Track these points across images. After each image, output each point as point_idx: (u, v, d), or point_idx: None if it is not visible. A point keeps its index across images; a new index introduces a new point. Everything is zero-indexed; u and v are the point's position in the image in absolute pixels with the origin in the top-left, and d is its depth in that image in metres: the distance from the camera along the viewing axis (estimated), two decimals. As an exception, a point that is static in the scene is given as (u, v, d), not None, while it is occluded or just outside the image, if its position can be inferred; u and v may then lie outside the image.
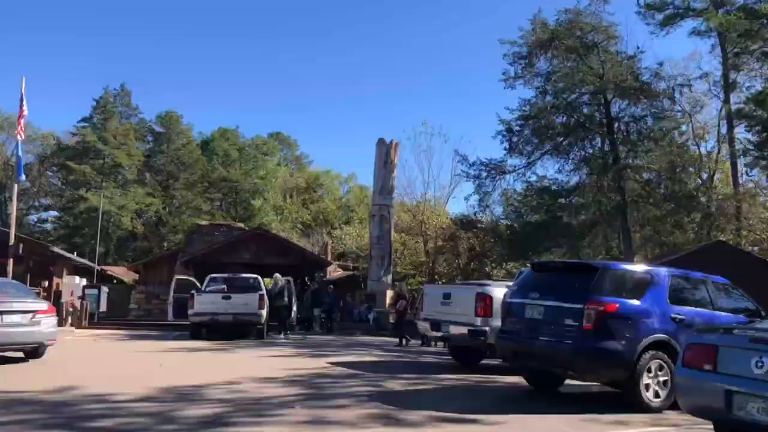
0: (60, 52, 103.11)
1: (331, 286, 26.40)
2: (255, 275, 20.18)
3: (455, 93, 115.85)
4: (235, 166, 66.79)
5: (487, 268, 28.73)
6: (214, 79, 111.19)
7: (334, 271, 37.45)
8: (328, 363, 12.39)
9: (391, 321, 23.95)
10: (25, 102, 22.03)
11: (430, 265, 30.44)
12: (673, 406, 7.46)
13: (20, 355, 11.90)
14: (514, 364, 9.79)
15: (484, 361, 13.14)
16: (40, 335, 11.69)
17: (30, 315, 11.61)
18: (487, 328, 11.06)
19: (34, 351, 11.89)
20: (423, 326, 13.27)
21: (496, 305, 10.91)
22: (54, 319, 12.39)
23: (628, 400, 8.07)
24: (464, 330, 11.44)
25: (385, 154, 26.62)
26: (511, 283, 11.45)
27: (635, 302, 8.23)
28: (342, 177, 74.59)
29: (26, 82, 22.29)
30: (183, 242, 36.95)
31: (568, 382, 9.75)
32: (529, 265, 10.43)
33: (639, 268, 9.29)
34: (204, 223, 35.44)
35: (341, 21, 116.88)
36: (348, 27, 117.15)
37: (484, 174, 26.66)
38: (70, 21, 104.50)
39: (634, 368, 7.88)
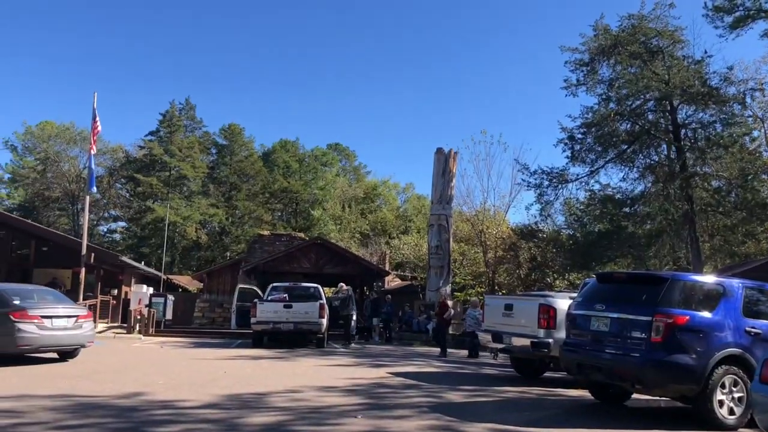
0: (128, 68, 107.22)
1: (389, 296, 26.42)
2: (315, 284, 20.40)
3: (515, 101, 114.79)
4: (295, 176, 67.83)
5: (548, 279, 28.19)
6: (275, 92, 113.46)
7: (391, 281, 37.47)
8: (387, 373, 12.38)
9: (429, 327, 23.85)
10: (97, 116, 23.02)
11: (490, 275, 30.08)
12: (750, 424, 7.13)
13: (54, 355, 13.11)
14: (578, 377, 9.55)
15: (547, 374, 12.91)
16: (82, 337, 13.01)
17: (74, 319, 12.85)
18: (550, 340, 10.85)
19: (70, 352, 13.15)
20: (484, 337, 13.11)
21: (560, 317, 10.71)
22: (92, 323, 13.69)
23: (700, 417, 7.76)
24: (527, 342, 11.25)
25: (443, 164, 26.52)
26: (574, 294, 11.22)
27: (706, 315, 7.92)
28: (400, 187, 74.83)
29: (97, 97, 23.31)
30: (245, 252, 37.69)
31: (635, 396, 9.46)
32: (593, 275, 10.18)
33: (710, 279, 8.93)
34: (265, 232, 36.05)
35: (398, 32, 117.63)
36: (404, 38, 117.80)
37: (546, 183, 26.22)
38: (138, 38, 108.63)
39: (707, 383, 7.58)
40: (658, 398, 9.40)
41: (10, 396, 8.25)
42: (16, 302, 12.28)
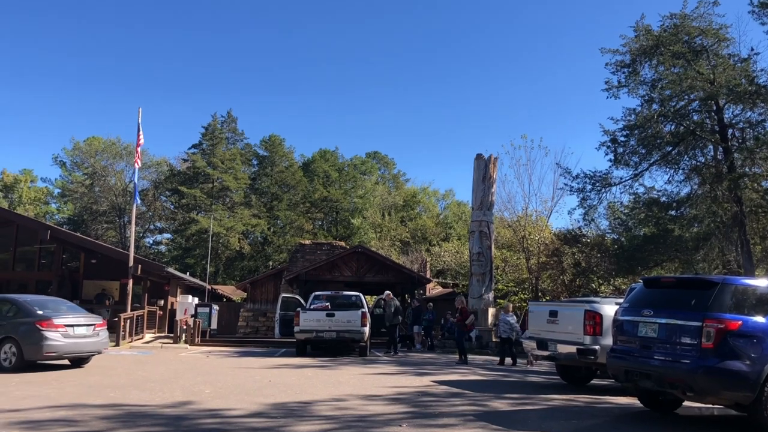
0: (171, 83, 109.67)
1: (431, 304, 26.33)
2: (357, 293, 20.49)
3: (555, 105, 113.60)
4: (334, 185, 68.28)
5: (593, 285, 27.68)
6: (314, 103, 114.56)
7: (433, 288, 37.32)
8: (431, 381, 12.33)
9: (472, 335, 23.61)
10: (141, 131, 23.60)
11: (533, 281, 29.70)
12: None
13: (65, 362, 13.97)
14: (626, 385, 9.34)
15: (594, 381, 12.69)
16: (100, 344, 14.07)
17: (92, 327, 13.89)
18: (597, 347, 10.67)
19: (85, 359, 14.11)
20: (528, 345, 12.95)
21: (606, 323, 10.53)
22: (106, 331, 14.60)
23: (756, 425, 7.52)
24: (572, 349, 11.07)
25: (483, 169, 26.35)
26: (620, 300, 11.01)
27: (760, 320, 7.68)
28: (439, 193, 74.63)
29: (142, 112, 23.92)
30: (287, 261, 38.05)
31: (686, 404, 9.22)
32: (640, 280, 9.96)
33: (763, 282, 8.62)
34: (306, 242, 36.35)
35: (435, 39, 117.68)
36: (442, 44, 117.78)
37: (589, 187, 25.80)
38: (181, 54, 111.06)
39: (762, 390, 7.34)
40: (711, 406, 9.15)
41: (65, 405, 8.48)
42: (40, 312, 12.97)
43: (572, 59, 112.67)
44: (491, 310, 24.68)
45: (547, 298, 28.01)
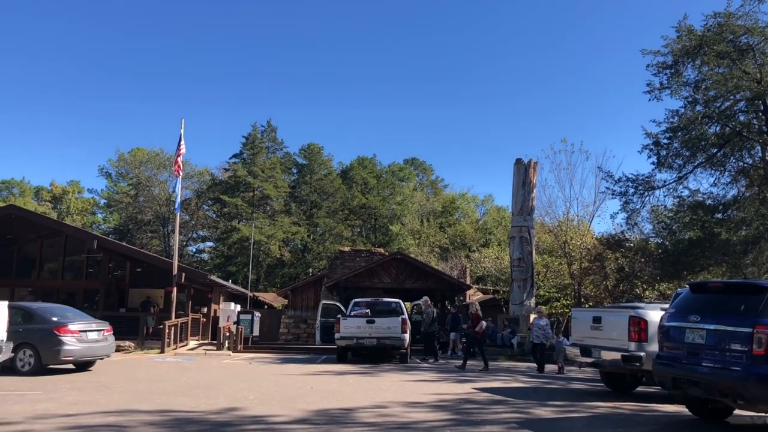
0: (213, 94, 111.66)
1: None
2: (397, 299, 20.48)
3: (595, 108, 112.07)
4: (373, 192, 68.48)
5: (637, 290, 27.10)
6: (352, 110, 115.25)
7: (473, 295, 37.05)
8: (473, 388, 12.26)
9: (513, 342, 23.36)
10: (182, 141, 24.10)
11: (576, 287, 29.24)
12: None
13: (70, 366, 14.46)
14: (674, 392, 9.13)
15: (639, 388, 12.45)
16: (108, 348, 14.95)
17: (102, 332, 14.70)
18: (642, 354, 10.46)
19: (89, 363, 14.63)
20: (572, 351, 12.77)
21: (652, 329, 10.32)
22: (113, 336, 15.45)
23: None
24: (617, 355, 10.88)
25: (523, 174, 26.13)
26: (666, 305, 10.79)
27: (813, 325, 7.42)
28: (478, 199, 74.18)
29: (185, 123, 24.44)
30: (327, 268, 38.27)
31: (737, 412, 8.97)
32: (686, 285, 9.74)
33: (816, 287, 8.34)
34: (346, 249, 36.51)
35: (471, 42, 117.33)
36: (479, 47, 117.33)
37: (631, 190, 25.34)
38: (222, 66, 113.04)
39: (817, 399, 7.10)
40: (764, 415, 8.89)
41: (114, 411, 8.69)
42: (55, 319, 13.42)
43: (613, 61, 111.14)
44: (533, 317, 24.39)
45: (590, 303, 27.54)
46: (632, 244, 27.20)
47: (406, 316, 19.01)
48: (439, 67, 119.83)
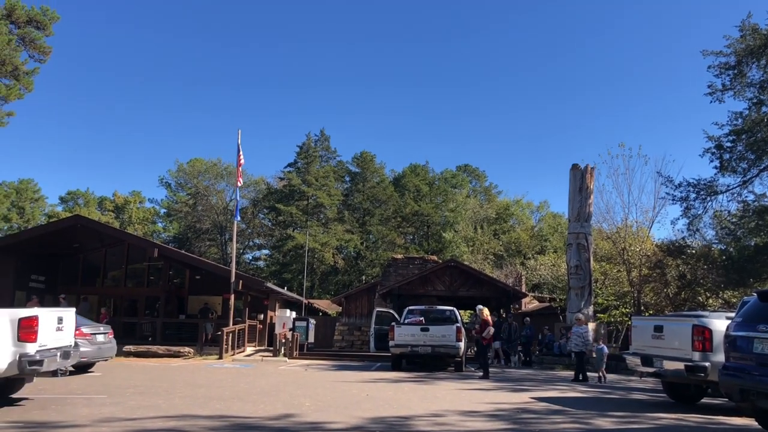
0: (268, 105, 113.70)
1: (528, 319, 25.80)
2: (451, 307, 20.37)
3: (653, 112, 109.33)
4: (425, 200, 68.37)
5: (700, 298, 26.24)
6: (404, 118, 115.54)
7: (529, 303, 36.52)
8: (530, 398, 12.07)
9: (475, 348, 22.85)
10: (241, 151, 24.62)
11: (635, 295, 28.49)
12: None
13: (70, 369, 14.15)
14: (742, 404, 8.78)
15: (704, 400, 12.03)
16: (112, 350, 15.75)
17: (107, 335, 15.49)
18: (707, 364, 10.09)
19: (89, 365, 15.07)
20: (632, 361, 12.43)
21: (717, 339, 9.95)
22: (114, 339, 16.22)
23: None
24: (680, 366, 10.53)
25: (579, 180, 25.67)
26: (732, 314, 10.40)
27: None
28: (533, 205, 73.15)
29: (241, 134, 24.95)
30: (380, 275, 38.35)
31: (812, 427, 8.55)
32: (753, 293, 9.36)
33: None
34: (399, 256, 36.51)
35: (524, 46, 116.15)
36: (532, 52, 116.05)
37: (693, 195, 24.64)
38: (276, 76, 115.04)
39: None
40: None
41: (175, 416, 8.90)
42: None
43: (672, 63, 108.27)
44: (591, 325, 23.87)
45: (650, 312, 26.79)
46: (694, 251, 26.38)
47: (460, 324, 18.87)
48: (492, 70, 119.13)
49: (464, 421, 8.98)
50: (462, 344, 18.20)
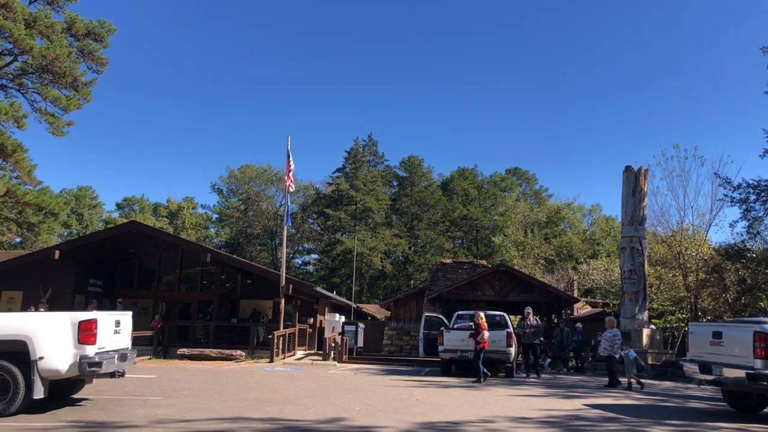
0: (316, 110, 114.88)
1: (579, 324, 25.33)
2: (501, 312, 20.14)
3: (710, 111, 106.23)
4: (474, 204, 67.93)
5: (761, 303, 25.30)
6: (451, 122, 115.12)
7: (581, 308, 35.87)
8: (582, 405, 11.84)
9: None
10: (291, 157, 24.92)
11: (692, 300, 27.66)
12: None
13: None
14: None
15: (767, 410, 11.57)
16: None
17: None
18: (770, 372, 9.70)
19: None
20: (689, 368, 12.05)
21: (781, 346, 9.57)
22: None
23: None
24: (741, 373, 10.15)
25: (633, 182, 25.09)
26: (796, 321, 9.99)
27: None
28: (585, 209, 71.87)
29: (290, 140, 25.27)
30: (428, 280, 38.26)
31: None
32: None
33: None
34: (447, 261, 36.34)
35: (576, 46, 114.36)
36: (583, 51, 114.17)
37: (753, 197, 23.79)
38: (325, 83, 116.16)
39: None
40: None
41: (228, 418, 9.05)
42: None
43: (729, 61, 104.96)
44: (646, 331, 23.30)
45: (708, 318, 25.96)
46: (755, 255, 25.45)
47: (511, 329, 18.65)
48: (541, 70, 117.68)
49: (515, 427, 8.87)
50: (513, 350, 17.99)
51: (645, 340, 22.96)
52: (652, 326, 24.82)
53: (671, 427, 9.36)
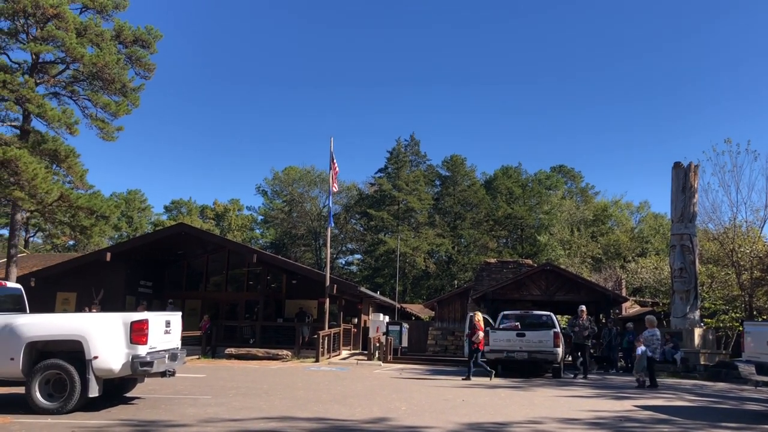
0: (358, 110, 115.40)
1: (630, 324, 24.82)
2: (548, 312, 19.87)
3: (763, 107, 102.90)
4: (518, 202, 67.22)
5: (821, 302, 24.40)
6: (494, 120, 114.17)
7: (630, 307, 35.13)
8: (633, 406, 11.59)
9: (676, 357, 21.72)
10: (334, 159, 25.07)
11: (746, 299, 26.80)
12: None
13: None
14: None
15: (829, 413, 11.15)
16: None
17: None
18: (831, 374, 9.34)
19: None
20: (745, 369, 11.68)
21: (843, 346, 9.20)
22: None
23: None
24: (801, 375, 9.81)
25: (682, 179, 24.47)
26: None
27: None
28: (633, 206, 70.25)
29: (333, 141, 25.43)
30: (472, 280, 38.00)
31: None
32: None
33: None
34: (492, 260, 36.02)
35: (621, 39, 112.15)
36: (629, 45, 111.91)
37: (810, 192, 22.98)
38: (367, 82, 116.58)
39: None
40: None
41: (276, 417, 9.16)
42: None
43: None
44: (698, 331, 22.70)
45: (764, 317, 25.13)
46: (814, 252, 24.52)
47: (558, 329, 18.38)
48: (587, 64, 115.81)
49: (563, 428, 8.74)
50: (560, 350, 17.73)
51: (697, 339, 22.36)
52: (702, 324, 24.16)
53: (727, 430, 9.09)
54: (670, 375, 20.21)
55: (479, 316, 17.71)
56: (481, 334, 17.18)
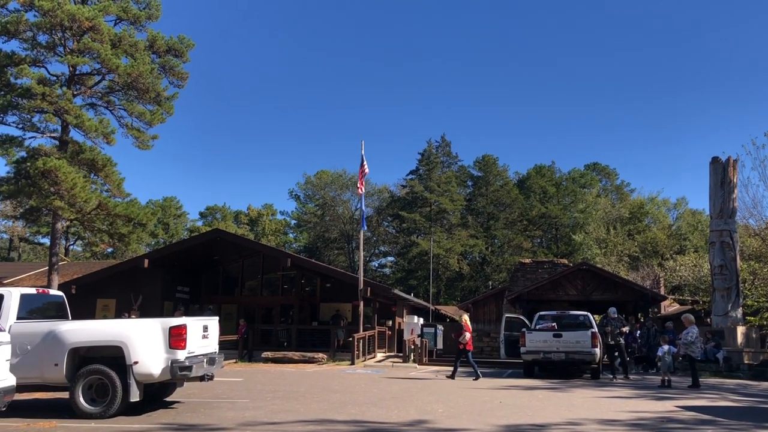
0: (388, 115, 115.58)
1: (669, 323, 24.35)
2: (585, 312, 19.61)
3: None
4: (552, 201, 66.54)
5: None
6: (526, 119, 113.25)
7: (669, 306, 34.52)
8: (675, 406, 11.36)
9: (718, 356, 21.24)
10: (365, 162, 25.10)
11: (791, 296, 26.11)
12: None
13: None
14: None
15: None
16: None
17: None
18: None
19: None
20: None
21: None
22: None
23: None
24: None
25: (721, 174, 23.95)
26: None
27: None
28: (670, 203, 69.07)
29: (364, 144, 25.48)
30: (507, 280, 37.72)
31: None
32: None
33: None
34: (526, 260, 35.71)
35: (660, 38, 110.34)
36: (668, 43, 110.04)
37: None
38: (397, 87, 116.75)
39: None
40: None
41: (313, 420, 9.20)
42: None
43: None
44: (740, 329, 22.16)
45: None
46: None
47: (596, 329, 18.12)
48: (620, 66, 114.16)
49: (604, 430, 8.62)
50: (598, 350, 17.45)
51: (740, 338, 21.83)
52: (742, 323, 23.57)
53: (774, 430, 8.86)
54: (712, 374, 19.77)
55: (466, 317, 18.18)
56: (467, 335, 17.58)
